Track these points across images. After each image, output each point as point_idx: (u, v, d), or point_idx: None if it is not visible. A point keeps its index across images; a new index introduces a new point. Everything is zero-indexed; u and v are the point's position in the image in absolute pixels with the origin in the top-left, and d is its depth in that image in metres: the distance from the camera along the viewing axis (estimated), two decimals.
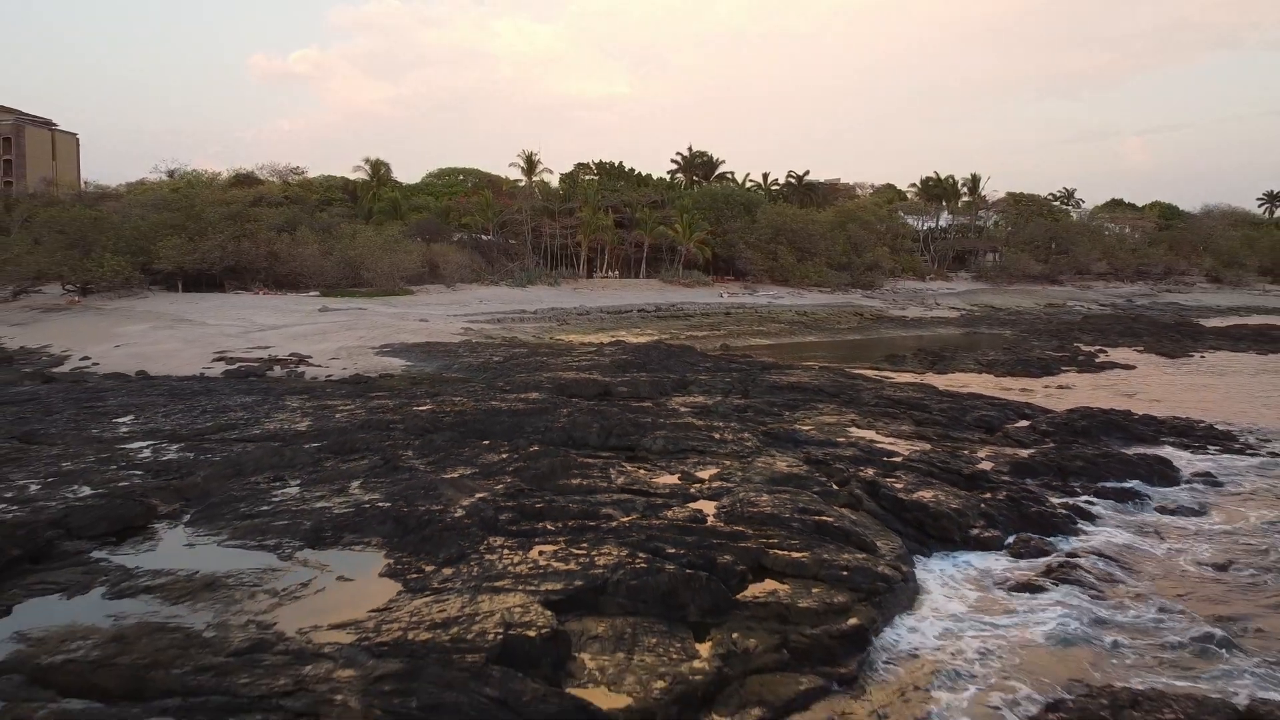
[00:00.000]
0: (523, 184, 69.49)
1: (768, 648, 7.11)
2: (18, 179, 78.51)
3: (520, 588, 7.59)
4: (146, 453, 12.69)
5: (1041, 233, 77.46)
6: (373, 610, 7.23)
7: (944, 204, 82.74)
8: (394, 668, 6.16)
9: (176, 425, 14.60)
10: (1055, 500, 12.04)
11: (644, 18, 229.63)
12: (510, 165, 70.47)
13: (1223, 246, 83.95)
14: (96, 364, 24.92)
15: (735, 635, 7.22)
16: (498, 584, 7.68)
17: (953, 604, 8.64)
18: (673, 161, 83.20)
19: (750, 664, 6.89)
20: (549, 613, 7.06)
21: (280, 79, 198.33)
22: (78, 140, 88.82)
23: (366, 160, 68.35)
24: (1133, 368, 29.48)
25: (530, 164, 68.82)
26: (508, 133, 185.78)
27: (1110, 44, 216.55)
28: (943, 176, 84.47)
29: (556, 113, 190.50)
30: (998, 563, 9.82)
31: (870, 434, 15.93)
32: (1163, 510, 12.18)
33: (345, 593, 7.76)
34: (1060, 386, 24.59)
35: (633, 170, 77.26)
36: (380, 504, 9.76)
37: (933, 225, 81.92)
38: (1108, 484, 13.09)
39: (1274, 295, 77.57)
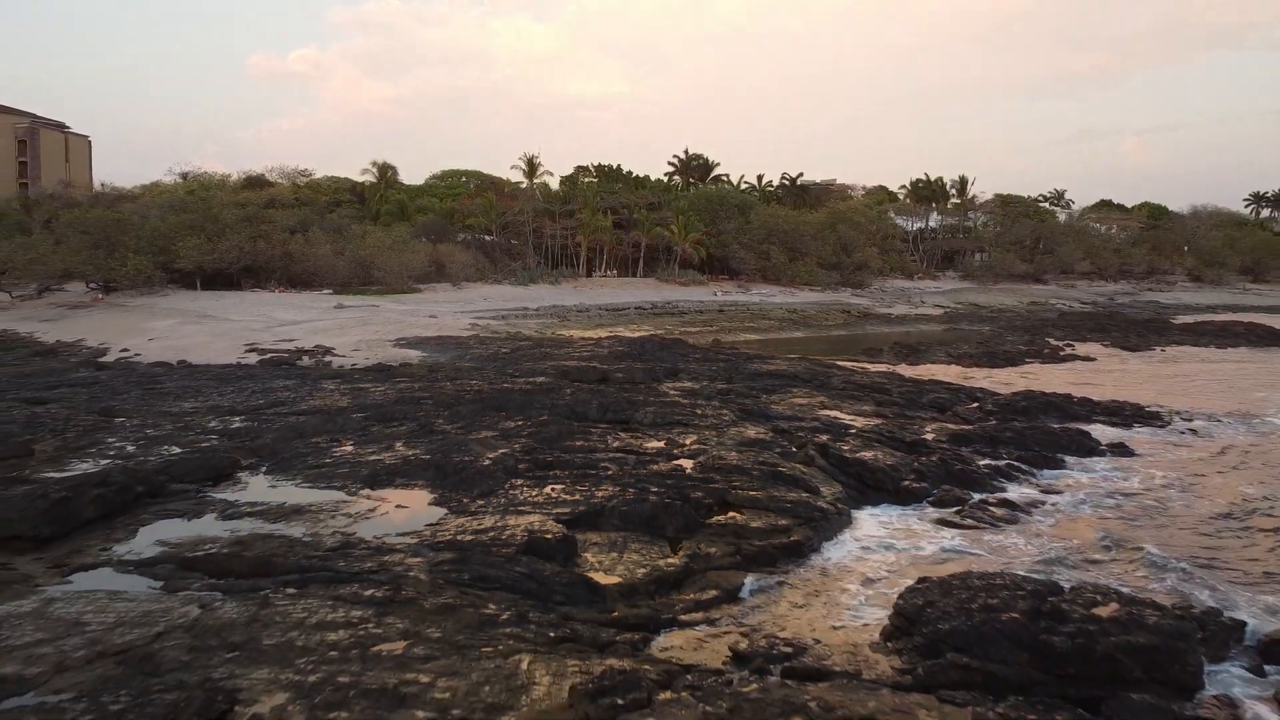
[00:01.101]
0: (524, 186, 71.89)
1: (725, 553, 9.42)
2: (33, 181, 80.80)
3: (538, 511, 9.92)
4: (214, 423, 15.00)
5: (1027, 233, 79.85)
6: (427, 525, 9.56)
7: (933, 205, 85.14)
8: (449, 556, 8.49)
9: (234, 403, 16.93)
10: (981, 463, 14.35)
11: (643, 17, 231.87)
12: (512, 168, 72.91)
13: (1205, 246, 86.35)
14: (139, 355, 27.21)
15: (700, 545, 9.54)
16: (520, 509, 10.02)
17: (876, 532, 10.94)
18: (669, 164, 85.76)
19: (710, 563, 9.19)
20: (560, 525, 9.39)
21: (279, 78, 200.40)
22: (89, 142, 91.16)
23: (374, 163, 70.81)
24: (1093, 360, 31.81)
25: (531, 166, 71.24)
26: (507, 132, 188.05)
27: (1109, 44, 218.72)
28: (932, 178, 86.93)
29: (556, 112, 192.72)
30: (920, 507, 12.13)
31: (835, 412, 18.23)
32: (1071, 471, 14.50)
33: (404, 515, 10.08)
34: (1022, 375, 26.92)
35: (630, 172, 79.65)
36: (422, 457, 12.09)
37: (922, 226, 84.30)
38: (1030, 451, 15.41)
39: (1253, 294, 79.89)
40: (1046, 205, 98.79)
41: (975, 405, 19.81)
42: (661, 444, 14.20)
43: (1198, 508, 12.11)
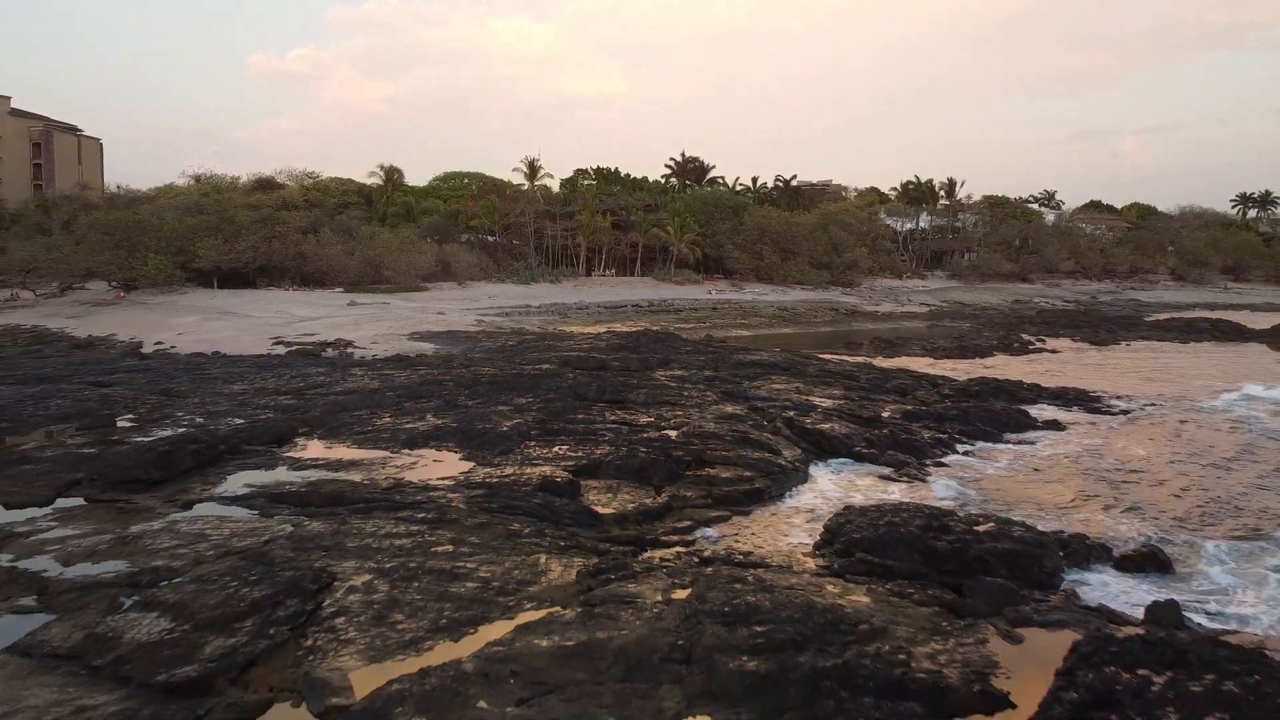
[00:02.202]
0: (525, 188, 74.29)
1: (699, 496, 11.74)
2: (47, 183, 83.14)
3: (548, 464, 12.25)
4: (265, 401, 17.32)
5: (1014, 234, 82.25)
6: (460, 473, 11.89)
7: (924, 206, 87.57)
8: (480, 492, 10.82)
9: (276, 385, 19.25)
10: (925, 435, 16.67)
11: (642, 17, 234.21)
12: (513, 170, 75.30)
13: (1187, 246, 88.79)
14: (174, 347, 29.49)
15: (679, 490, 11.85)
16: (534, 462, 12.35)
17: (827, 485, 13.24)
18: (666, 166, 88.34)
19: (687, 503, 11.50)
20: (567, 473, 11.71)
21: (278, 78, 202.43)
22: (101, 145, 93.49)
23: (381, 166, 73.19)
24: (1058, 353, 34.16)
25: (532, 169, 73.66)
26: (507, 131, 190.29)
27: (1107, 44, 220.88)
28: (924, 180, 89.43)
29: (555, 112, 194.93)
30: (868, 466, 14.44)
31: (807, 396, 20.54)
32: (1005, 443, 16.83)
33: (439, 467, 12.40)
34: (985, 366, 29.23)
35: (628, 175, 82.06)
36: (450, 425, 14.42)
37: (912, 227, 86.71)
38: (971, 426, 17.73)
39: (1234, 293, 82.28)
40: (1036, 206, 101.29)
41: (934, 390, 22.15)
42: (651, 418, 16.50)
43: (1092, 469, 14.45)
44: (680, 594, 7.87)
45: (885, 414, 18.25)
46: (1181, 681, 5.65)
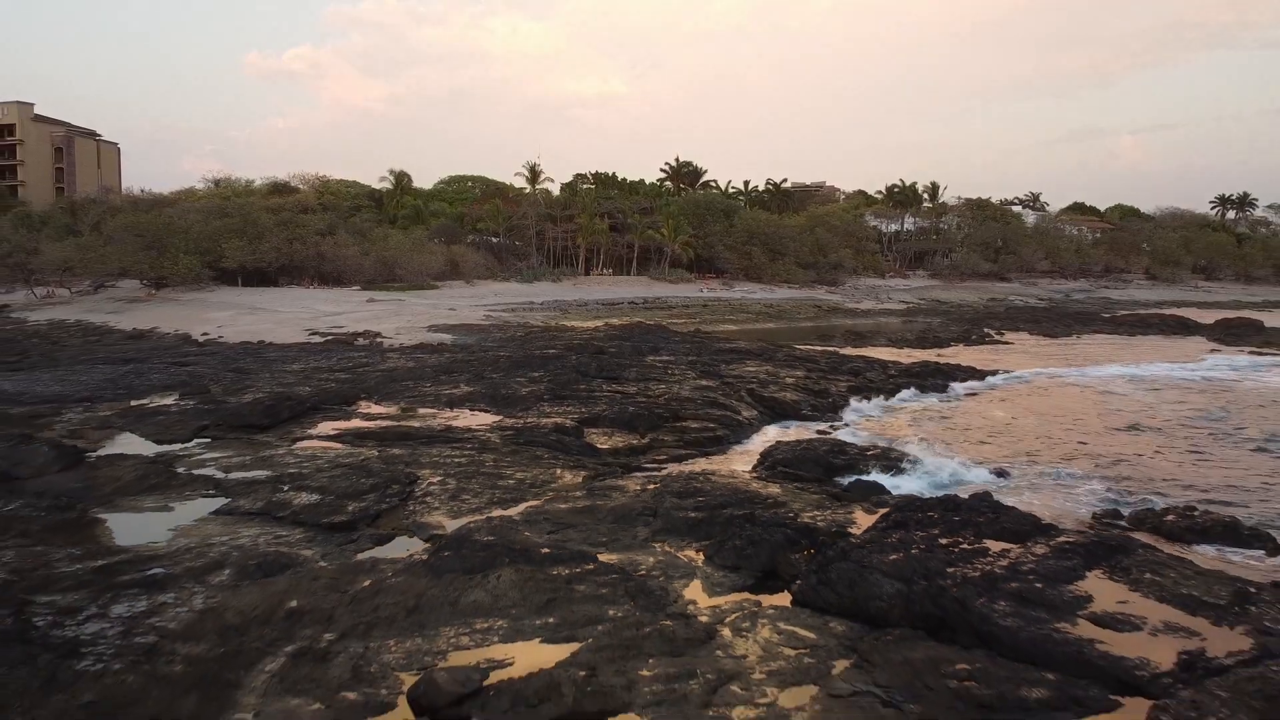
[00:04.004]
0: (527, 191, 78.23)
1: (674, 440, 15.55)
2: (69, 186, 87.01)
3: (559, 416, 16.10)
4: (324, 376, 21.14)
5: (993, 235, 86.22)
6: (492, 422, 15.75)
7: (908, 209, 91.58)
8: (510, 432, 14.69)
9: (330, 365, 23.08)
10: (859, 401, 20.52)
11: (639, 16, 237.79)
12: (515, 175, 79.18)
13: (1160, 247, 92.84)
14: (221, 336, 33.28)
15: (659, 435, 15.69)
16: (548, 415, 16.21)
17: (775, 435, 17.09)
18: (661, 170, 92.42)
19: (664, 445, 15.30)
20: (574, 422, 15.57)
21: (275, 77, 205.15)
22: (119, 150, 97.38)
23: (391, 171, 77.21)
24: (1010, 344, 38.02)
25: (534, 174, 77.56)
26: (505, 130, 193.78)
27: (1105, 43, 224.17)
28: (908, 184, 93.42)
29: (553, 111, 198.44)
30: (809, 422, 18.27)
31: (773, 376, 24.36)
32: (923, 396, 20.71)
33: (477, 419, 16.24)
34: (938, 354, 33.06)
35: (625, 179, 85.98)
36: (480, 391, 18.28)
37: (898, 228, 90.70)
38: (901, 392, 21.59)
39: (1202, 291, 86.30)
40: (1019, 208, 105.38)
41: (882, 371, 25.98)
42: (639, 389, 20.34)
43: (961, 420, 18.38)
44: (652, 487, 11.71)
45: (833, 388, 22.09)
46: (940, 519, 9.51)
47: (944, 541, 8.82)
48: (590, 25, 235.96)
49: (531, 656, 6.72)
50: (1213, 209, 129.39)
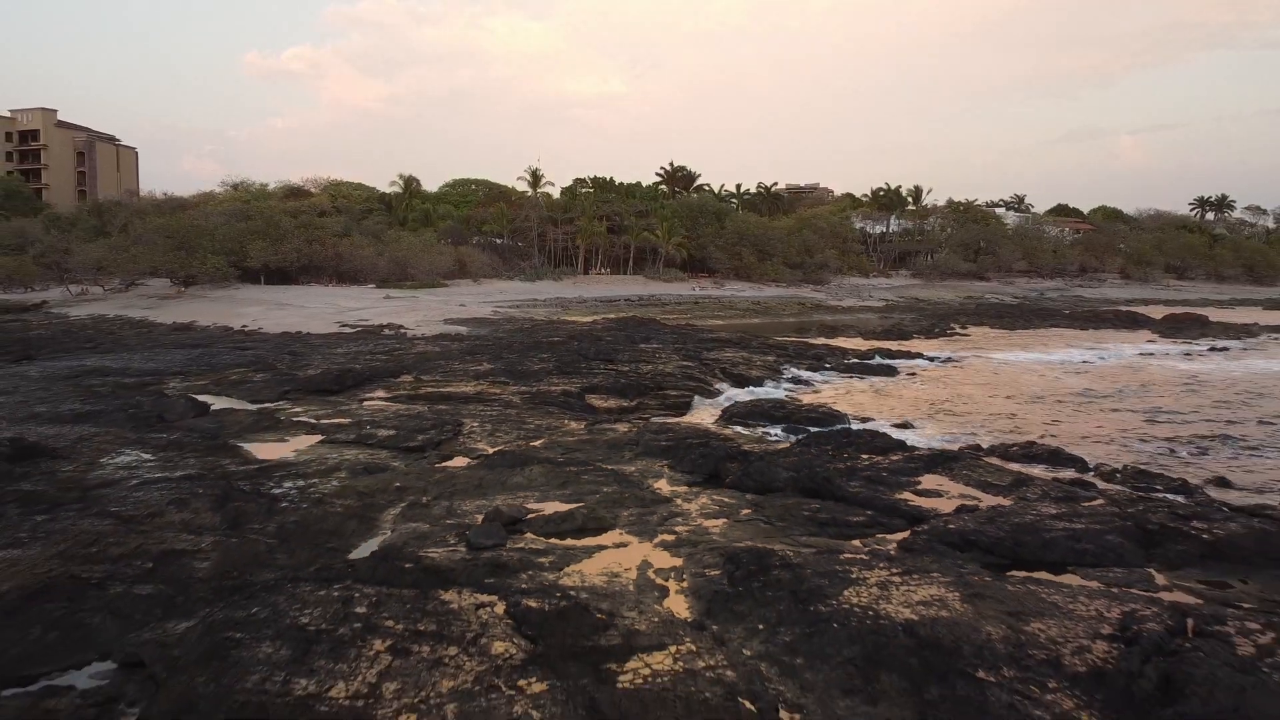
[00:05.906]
0: (529, 195, 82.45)
1: (657, 403, 19.65)
2: (90, 190, 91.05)
3: (565, 385, 20.25)
4: (367, 357, 25.24)
5: (973, 236, 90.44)
6: (512, 390, 19.89)
7: (893, 211, 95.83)
8: (528, 396, 18.84)
9: (370, 349, 27.19)
10: (810, 374, 24.66)
11: (639, 16, 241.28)
12: (518, 179, 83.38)
13: (1134, 247, 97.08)
14: (260, 328, 37.36)
15: (644, 399, 19.81)
16: (555, 385, 20.35)
17: (737, 396, 21.20)
18: (657, 174, 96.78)
19: (648, 406, 19.42)
20: (577, 389, 19.71)
21: (274, 77, 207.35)
22: (136, 154, 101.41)
23: (400, 176, 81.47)
24: (968, 335, 42.15)
25: (535, 178, 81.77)
26: (504, 130, 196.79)
27: (1105, 43, 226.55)
28: (893, 188, 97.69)
29: (553, 111, 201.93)
30: (767, 390, 22.38)
31: (747, 359, 28.48)
32: (868, 376, 24.84)
33: (498, 390, 20.38)
34: (899, 344, 37.16)
35: (622, 183, 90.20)
36: (500, 368, 22.42)
37: (883, 230, 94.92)
38: (851, 372, 25.74)
39: (1173, 289, 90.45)
40: (1003, 210, 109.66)
41: (841, 358, 30.11)
42: (630, 369, 24.46)
43: (894, 391, 22.51)
44: (636, 429, 15.85)
45: (794, 369, 26.26)
46: (833, 441, 13.65)
47: (831, 452, 12.98)
48: (590, 25, 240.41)
49: (555, 507, 10.84)
50: (1191, 210, 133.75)
